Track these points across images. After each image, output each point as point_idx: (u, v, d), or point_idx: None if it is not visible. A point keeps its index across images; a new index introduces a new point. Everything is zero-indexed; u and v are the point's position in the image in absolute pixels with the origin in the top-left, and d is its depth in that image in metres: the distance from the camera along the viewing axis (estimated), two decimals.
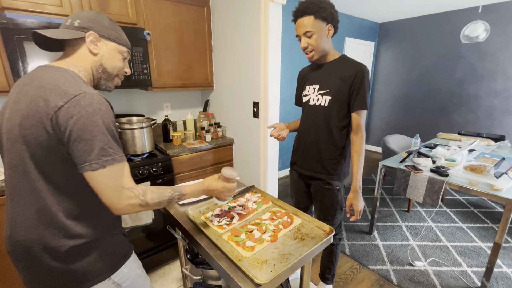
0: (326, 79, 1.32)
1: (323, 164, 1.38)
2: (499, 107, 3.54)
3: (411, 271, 1.94)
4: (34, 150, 0.69)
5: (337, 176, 1.39)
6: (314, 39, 1.22)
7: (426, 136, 4.13)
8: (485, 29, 2.32)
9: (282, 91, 3.34)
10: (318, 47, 1.25)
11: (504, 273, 1.92)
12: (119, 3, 1.76)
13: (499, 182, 1.69)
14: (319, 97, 1.34)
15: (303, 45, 1.25)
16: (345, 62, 1.30)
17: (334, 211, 1.44)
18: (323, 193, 1.43)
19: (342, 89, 1.27)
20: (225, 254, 0.88)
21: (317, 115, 1.36)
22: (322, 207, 1.46)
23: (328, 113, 1.32)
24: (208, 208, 1.20)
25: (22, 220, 0.73)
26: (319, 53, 1.27)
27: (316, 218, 1.52)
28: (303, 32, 1.23)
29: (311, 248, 0.91)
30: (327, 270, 1.66)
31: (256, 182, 2.17)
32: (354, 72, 1.24)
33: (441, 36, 3.88)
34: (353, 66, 1.26)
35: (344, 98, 1.28)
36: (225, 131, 2.45)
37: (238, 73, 2.11)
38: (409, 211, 2.77)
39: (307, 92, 1.41)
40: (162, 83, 2.07)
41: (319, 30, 1.21)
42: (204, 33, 2.25)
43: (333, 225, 1.47)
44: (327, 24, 1.22)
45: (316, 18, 1.19)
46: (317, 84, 1.36)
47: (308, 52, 1.27)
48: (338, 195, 1.41)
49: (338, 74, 1.28)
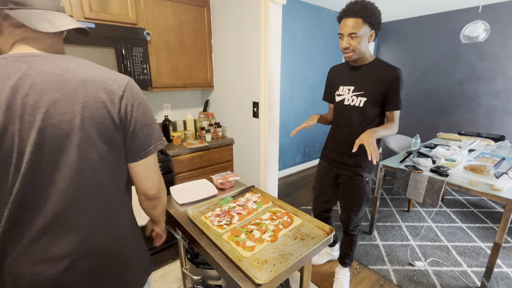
0: (362, 81, 1.39)
1: (356, 159, 1.47)
2: (499, 107, 3.54)
3: (411, 271, 1.94)
4: (103, 150, 0.65)
5: (368, 168, 1.48)
6: (357, 42, 1.27)
7: (426, 136, 4.12)
8: (485, 29, 2.32)
9: (282, 91, 3.34)
10: (359, 50, 1.30)
11: (504, 273, 1.92)
12: (119, 3, 1.76)
13: (499, 182, 1.68)
14: (354, 98, 1.41)
15: (345, 45, 1.29)
16: (380, 65, 1.37)
17: (361, 202, 1.53)
18: (353, 184, 1.51)
19: (377, 92, 1.35)
20: (225, 254, 0.88)
21: (352, 114, 1.43)
22: (350, 197, 1.55)
23: (362, 113, 1.41)
24: (208, 208, 1.20)
25: (93, 229, 0.66)
26: (357, 55, 1.32)
27: (341, 208, 1.64)
28: (348, 33, 1.25)
29: (311, 248, 0.91)
30: (346, 256, 1.75)
31: (256, 182, 2.17)
32: (390, 76, 1.31)
33: (441, 36, 3.88)
34: (389, 70, 1.33)
35: (379, 100, 1.37)
36: (225, 131, 2.45)
37: (238, 73, 2.11)
38: (409, 211, 2.77)
39: (341, 92, 1.48)
40: (162, 83, 2.07)
41: (364, 34, 1.26)
42: (204, 33, 2.25)
43: (357, 217, 1.59)
44: (371, 30, 1.28)
45: (365, 22, 1.23)
46: (352, 86, 1.43)
47: (347, 52, 1.31)
48: (366, 186, 1.50)
49: (374, 77, 1.35)
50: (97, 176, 0.65)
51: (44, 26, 0.61)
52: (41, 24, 0.61)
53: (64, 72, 0.60)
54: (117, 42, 1.73)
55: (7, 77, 0.56)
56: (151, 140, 0.71)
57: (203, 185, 1.44)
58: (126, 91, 0.65)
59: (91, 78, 0.62)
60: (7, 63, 0.58)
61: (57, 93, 0.58)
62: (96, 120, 0.61)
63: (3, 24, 0.60)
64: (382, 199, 3.07)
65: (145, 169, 0.74)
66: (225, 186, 1.43)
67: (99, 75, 0.63)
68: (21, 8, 0.59)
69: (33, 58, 0.60)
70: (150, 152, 0.72)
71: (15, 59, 0.59)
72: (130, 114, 0.66)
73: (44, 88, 0.57)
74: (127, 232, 0.76)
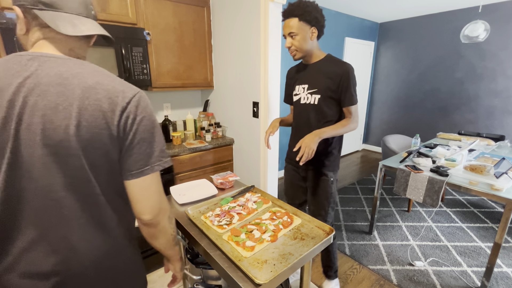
0: (314, 79, 1.40)
1: (318, 157, 1.44)
2: (499, 107, 3.54)
3: (411, 271, 1.94)
4: (94, 161, 0.61)
5: (331, 167, 1.47)
6: (297, 40, 1.31)
7: (426, 136, 4.12)
8: (485, 29, 2.32)
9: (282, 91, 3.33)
10: (301, 48, 1.33)
11: (504, 273, 1.92)
12: (119, 3, 1.76)
13: (499, 182, 1.68)
14: (309, 96, 1.42)
15: (287, 44, 1.34)
16: (330, 62, 1.38)
17: (328, 205, 1.49)
18: (318, 184, 1.49)
19: (330, 87, 1.35)
20: (225, 254, 0.88)
21: (309, 112, 1.44)
22: (316, 200, 1.51)
23: (318, 110, 1.41)
24: (208, 208, 1.20)
25: (84, 244, 0.64)
26: (301, 53, 1.36)
27: (311, 214, 1.56)
28: (287, 33, 1.32)
29: (311, 248, 0.91)
30: (328, 268, 1.72)
31: (256, 182, 2.17)
32: (340, 72, 1.32)
33: (441, 36, 3.88)
34: (339, 65, 1.34)
35: (333, 95, 1.36)
36: (225, 131, 2.45)
37: (238, 73, 2.11)
38: (409, 211, 2.77)
39: (297, 92, 1.49)
40: (162, 83, 2.07)
41: (302, 32, 1.29)
42: (204, 33, 2.25)
43: (327, 222, 1.52)
44: (311, 27, 1.30)
45: (300, 20, 1.28)
46: (306, 84, 1.44)
47: (291, 51, 1.36)
48: (332, 187, 1.47)
49: (325, 74, 1.36)
50: (89, 187, 0.62)
51: (67, 29, 0.61)
52: (65, 27, 0.61)
53: (72, 77, 0.58)
54: (117, 42, 1.73)
55: (18, 75, 0.56)
56: (148, 159, 0.64)
57: (203, 185, 1.44)
58: (131, 103, 0.62)
59: (98, 85, 0.59)
60: (21, 60, 0.58)
61: (59, 97, 0.56)
62: (93, 129, 0.58)
63: (31, 23, 0.61)
64: (382, 199, 3.07)
65: (139, 190, 0.66)
66: (225, 186, 1.43)
67: (106, 84, 0.61)
68: (50, 10, 0.59)
69: (47, 58, 0.59)
70: (145, 172, 0.64)
71: (30, 58, 0.58)
72: (129, 128, 0.62)
73: (47, 90, 0.56)
74: (123, 248, 0.72)
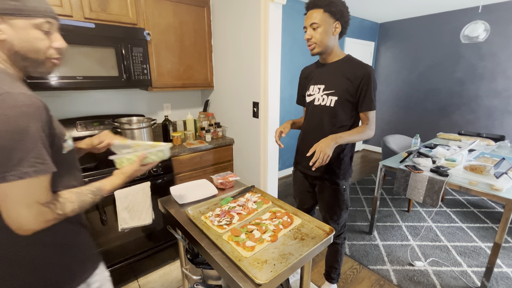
0: (332, 79, 1.31)
1: (329, 164, 1.36)
2: (499, 107, 3.54)
3: (411, 271, 1.94)
4: None
5: (343, 175, 1.39)
6: (319, 33, 1.22)
7: (426, 136, 4.12)
8: (485, 29, 2.32)
9: (282, 91, 3.34)
10: (321, 42, 1.24)
11: (504, 273, 1.92)
12: (119, 3, 1.76)
13: (499, 182, 1.68)
14: (325, 97, 1.33)
15: (307, 36, 1.25)
16: (351, 63, 1.29)
17: (340, 211, 1.44)
18: (329, 193, 1.42)
19: (348, 90, 1.27)
20: (225, 254, 0.88)
21: (323, 115, 1.35)
22: (328, 207, 1.46)
23: (334, 114, 1.31)
24: (208, 208, 1.20)
25: None
26: (320, 48, 1.26)
27: (322, 218, 1.52)
28: (309, 24, 1.23)
29: (311, 248, 0.91)
30: (332, 270, 1.66)
31: (256, 182, 2.17)
32: (361, 74, 1.24)
33: (441, 36, 3.88)
34: (360, 67, 1.26)
35: (351, 99, 1.28)
36: (225, 131, 2.45)
37: (238, 73, 2.11)
38: (409, 211, 2.77)
39: (312, 92, 1.39)
40: (162, 83, 2.07)
41: (325, 25, 1.21)
42: (204, 33, 2.25)
43: (339, 225, 1.48)
44: (335, 21, 1.22)
45: (325, 11, 1.20)
46: (322, 84, 1.34)
47: (310, 44, 1.26)
48: (344, 194, 1.42)
49: (344, 75, 1.27)
50: None
51: None
52: None
53: None
54: (117, 42, 1.73)
55: None
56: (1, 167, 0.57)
57: (203, 185, 1.44)
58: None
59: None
60: None
61: None
62: None
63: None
64: (382, 199, 3.07)
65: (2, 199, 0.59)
66: (225, 186, 1.43)
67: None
68: None
69: None
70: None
71: None
72: None
73: None
74: None
